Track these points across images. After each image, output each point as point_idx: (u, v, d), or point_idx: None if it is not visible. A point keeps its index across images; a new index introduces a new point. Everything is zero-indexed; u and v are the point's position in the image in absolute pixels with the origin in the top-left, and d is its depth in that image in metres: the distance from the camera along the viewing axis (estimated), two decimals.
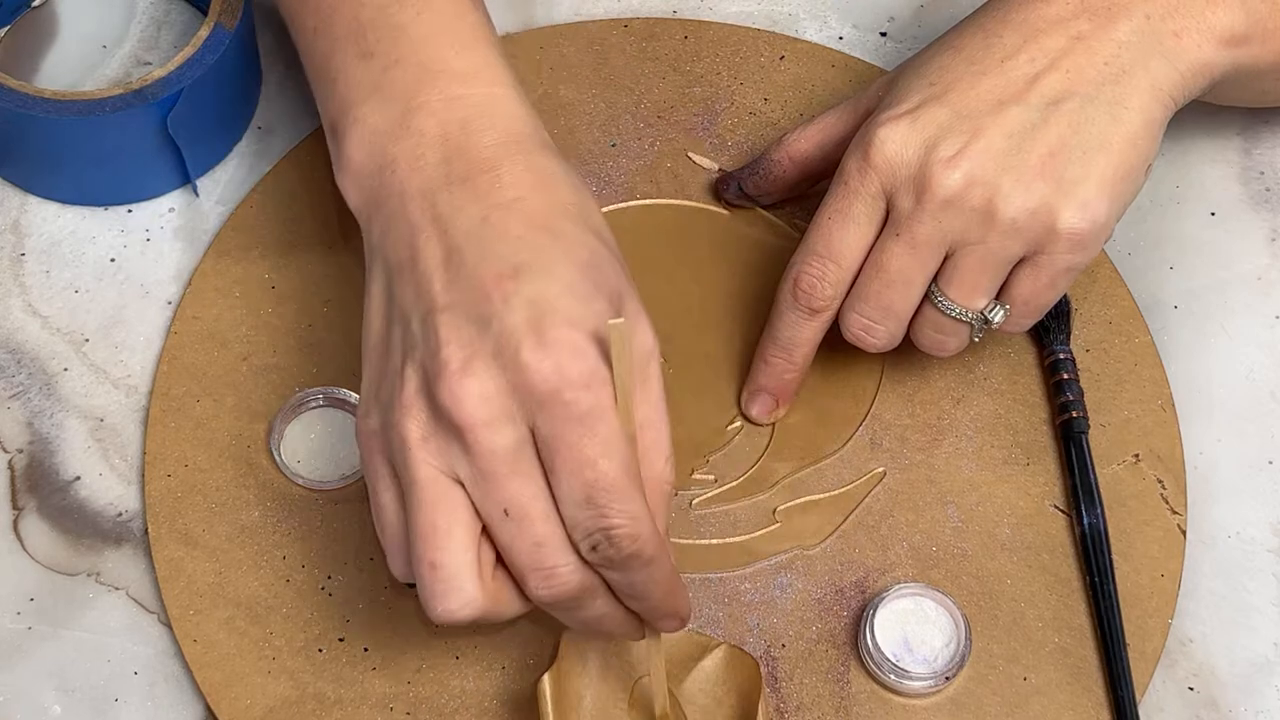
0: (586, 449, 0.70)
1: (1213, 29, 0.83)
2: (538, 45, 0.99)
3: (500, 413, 0.71)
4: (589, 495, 0.70)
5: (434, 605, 0.72)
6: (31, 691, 0.83)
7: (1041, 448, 0.89)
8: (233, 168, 0.96)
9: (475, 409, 0.70)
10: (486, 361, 0.71)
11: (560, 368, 0.70)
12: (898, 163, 0.82)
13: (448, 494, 0.71)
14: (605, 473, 0.70)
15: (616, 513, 0.70)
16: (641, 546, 0.71)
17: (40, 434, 0.89)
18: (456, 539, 0.71)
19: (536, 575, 0.72)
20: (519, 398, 0.71)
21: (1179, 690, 0.84)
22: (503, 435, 0.71)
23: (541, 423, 0.70)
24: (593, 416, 0.70)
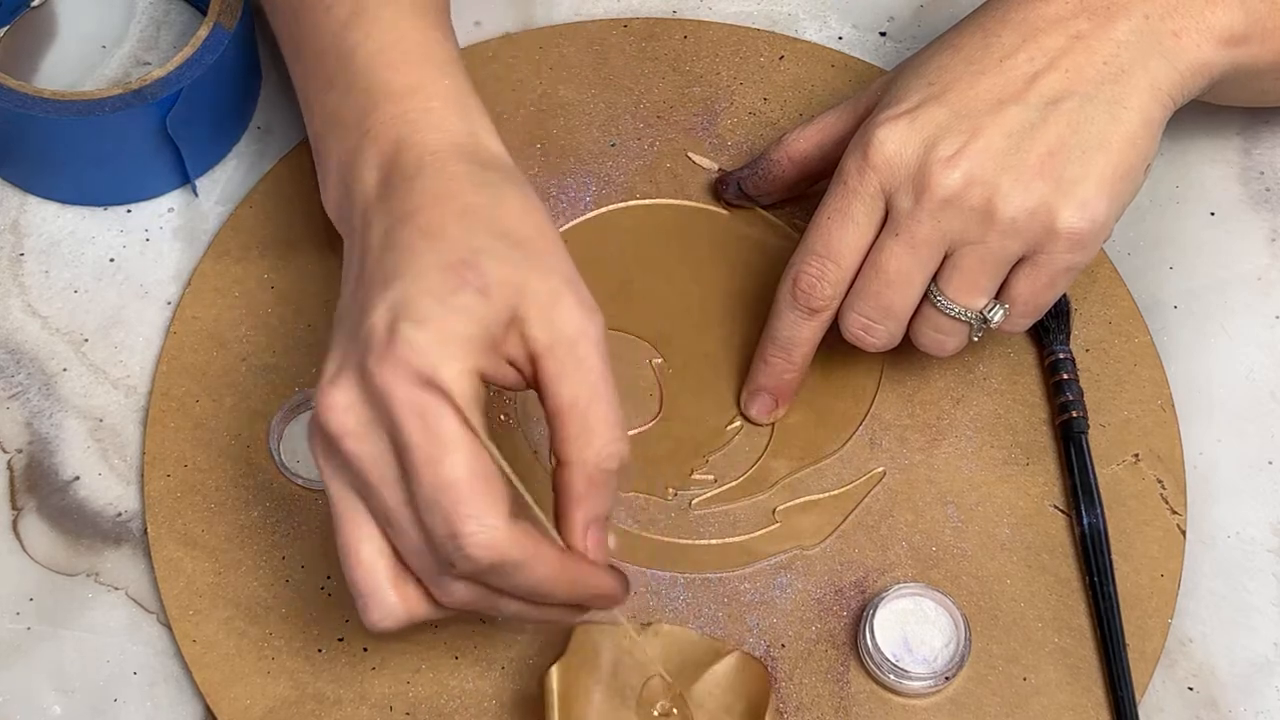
0: (427, 448, 0.70)
1: (1212, 28, 0.83)
2: (538, 45, 0.99)
3: (362, 423, 0.71)
4: (434, 497, 0.70)
5: (363, 618, 0.74)
6: (31, 691, 0.83)
7: (1041, 448, 0.89)
8: (232, 168, 0.96)
9: (340, 420, 0.71)
10: (350, 371, 0.72)
11: (397, 369, 0.70)
12: (897, 162, 0.82)
13: (354, 510, 0.73)
14: (446, 472, 0.70)
15: (463, 516, 0.69)
16: (502, 554, 0.70)
17: (40, 434, 0.89)
18: (365, 556, 0.73)
19: (431, 584, 0.72)
20: (372, 405, 0.71)
21: (1179, 690, 0.84)
22: (367, 443, 0.71)
23: (390, 428, 0.70)
24: (432, 415, 0.70)
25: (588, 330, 0.74)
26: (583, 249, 0.93)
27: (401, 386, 0.70)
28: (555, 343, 0.73)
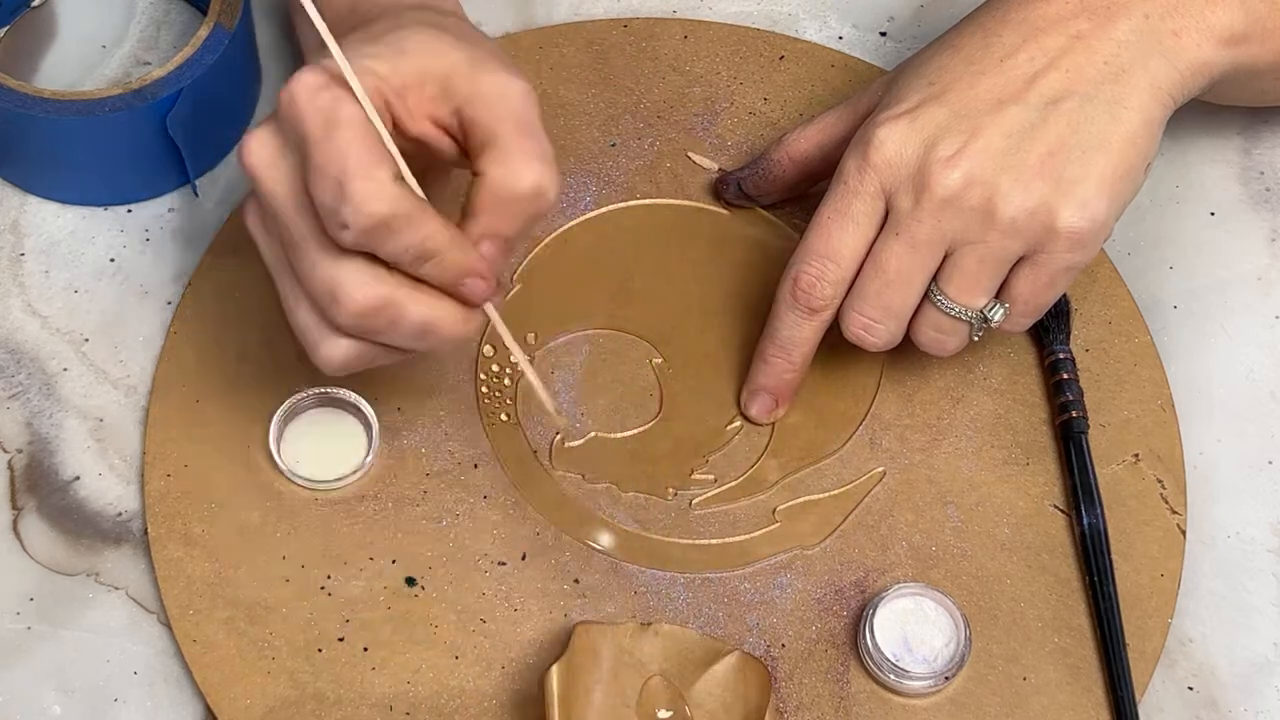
0: (319, 130, 0.74)
1: (1212, 28, 0.83)
2: (538, 45, 0.99)
3: (273, 153, 0.76)
4: (323, 166, 0.73)
5: (314, 358, 0.79)
6: (31, 691, 0.83)
7: (1041, 448, 0.89)
8: (233, 168, 0.96)
9: (254, 153, 0.76)
10: (269, 121, 0.77)
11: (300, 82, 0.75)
12: (897, 162, 0.82)
13: (279, 260, 0.78)
14: (338, 143, 0.73)
15: (351, 176, 0.73)
16: (391, 205, 0.73)
17: (40, 434, 0.89)
18: (294, 301, 0.78)
19: (324, 299, 0.76)
20: (283, 133, 0.75)
21: (1179, 690, 0.84)
22: (277, 169, 0.76)
23: (294, 137, 0.75)
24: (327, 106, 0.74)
25: (512, 84, 0.77)
26: (583, 249, 0.93)
27: (303, 91, 0.74)
28: (477, 92, 0.76)
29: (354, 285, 0.75)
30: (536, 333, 0.91)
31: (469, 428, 0.89)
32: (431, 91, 0.77)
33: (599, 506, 0.87)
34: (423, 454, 0.88)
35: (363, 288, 0.75)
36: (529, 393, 0.89)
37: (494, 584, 0.85)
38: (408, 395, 0.89)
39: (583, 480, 0.88)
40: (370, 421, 0.88)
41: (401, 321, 0.76)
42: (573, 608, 0.85)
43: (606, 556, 0.86)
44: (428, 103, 0.77)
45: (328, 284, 0.75)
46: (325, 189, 0.73)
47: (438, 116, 0.77)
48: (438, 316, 0.77)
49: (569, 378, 0.90)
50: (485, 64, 0.77)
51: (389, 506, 0.87)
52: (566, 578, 0.86)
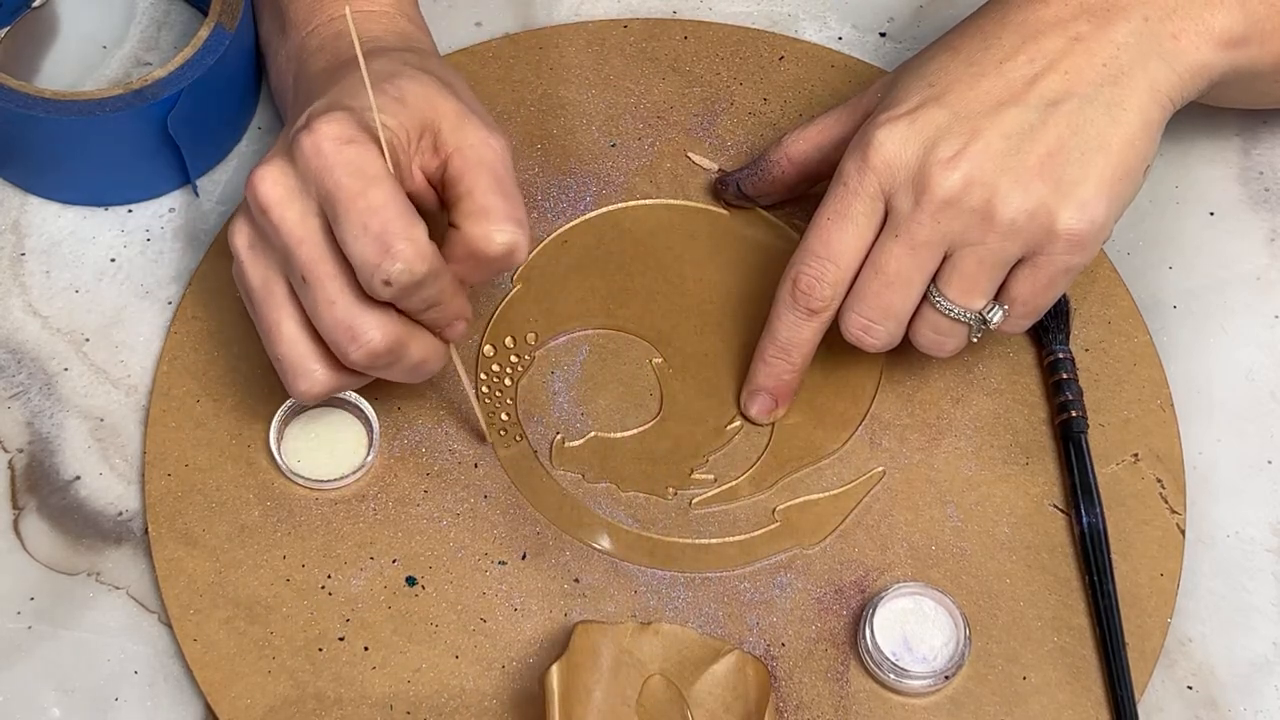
0: (353, 184, 0.77)
1: (1211, 30, 0.83)
2: (538, 45, 0.99)
3: (289, 190, 0.79)
4: (364, 223, 0.76)
5: (292, 391, 0.82)
6: (31, 691, 0.83)
7: (1041, 447, 0.89)
8: (233, 168, 0.96)
9: (269, 190, 0.79)
10: (280, 156, 0.80)
11: (324, 132, 0.78)
12: (896, 164, 0.82)
13: (274, 292, 0.81)
14: (375, 198, 0.77)
15: (395, 235, 0.76)
16: (430, 264, 0.77)
17: (40, 434, 0.89)
18: (286, 330, 0.81)
19: (341, 337, 0.79)
20: (301, 174, 0.78)
21: (1178, 690, 0.84)
22: (292, 209, 0.78)
23: (317, 184, 0.78)
24: (355, 160, 0.77)
25: (491, 141, 0.81)
26: (583, 249, 0.93)
27: (329, 143, 0.78)
28: (464, 145, 0.81)
29: (373, 327, 0.79)
30: (536, 333, 0.91)
31: (469, 428, 0.89)
32: (426, 144, 0.81)
33: (599, 506, 0.87)
34: (423, 454, 0.88)
35: (381, 329, 0.79)
36: (530, 400, 0.89)
37: (494, 584, 0.85)
38: (408, 395, 0.89)
39: (583, 480, 0.88)
40: (370, 421, 0.88)
41: (404, 359, 0.81)
42: (573, 608, 0.85)
43: (606, 556, 0.86)
44: (422, 155, 0.81)
45: (346, 324, 0.79)
46: (367, 245, 0.76)
47: (428, 169, 0.82)
48: (430, 354, 0.82)
49: (569, 378, 0.90)
50: (469, 118, 0.81)
51: (389, 506, 0.87)
52: (566, 578, 0.86)
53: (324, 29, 0.89)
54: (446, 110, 0.81)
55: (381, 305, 0.79)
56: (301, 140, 0.78)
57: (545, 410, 0.89)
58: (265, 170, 0.79)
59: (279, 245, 0.79)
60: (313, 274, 0.78)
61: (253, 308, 0.82)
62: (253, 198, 0.79)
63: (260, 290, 0.81)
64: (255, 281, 0.81)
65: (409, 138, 0.80)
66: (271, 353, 0.82)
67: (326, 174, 0.77)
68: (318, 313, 0.79)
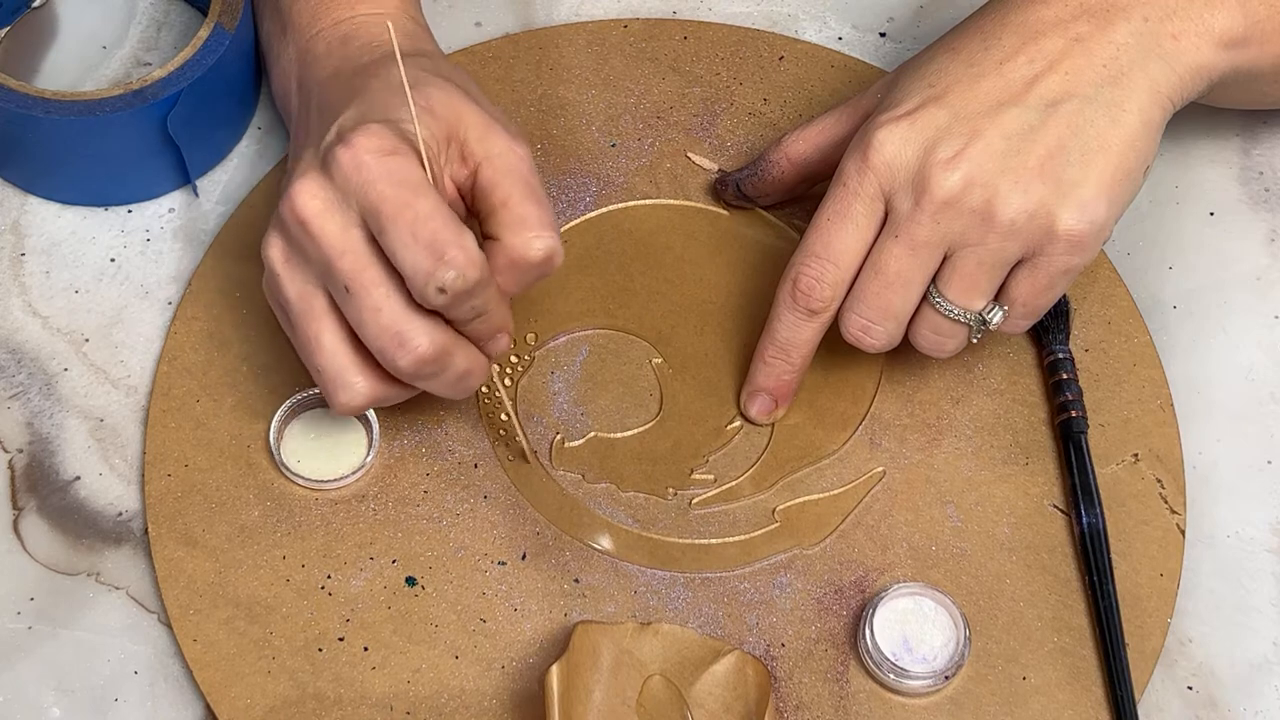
0: (399, 195, 0.77)
1: (1211, 31, 0.83)
2: (538, 45, 0.99)
3: (329, 203, 0.78)
4: (414, 232, 0.76)
5: (332, 402, 0.82)
6: (31, 691, 0.83)
7: (1041, 447, 0.89)
8: (233, 168, 0.96)
9: (307, 204, 0.79)
10: (315, 171, 0.79)
11: (364, 145, 0.78)
12: (896, 164, 0.82)
13: (313, 304, 0.80)
14: (423, 207, 0.77)
15: (447, 241, 0.76)
16: (481, 269, 0.77)
17: (40, 434, 0.89)
18: (326, 342, 0.80)
19: (388, 344, 0.78)
20: (341, 186, 0.78)
21: (1178, 690, 0.84)
22: (332, 221, 0.78)
23: (360, 197, 0.78)
24: (398, 170, 0.78)
25: (517, 149, 0.81)
26: (583, 249, 0.93)
27: (371, 156, 0.78)
28: (492, 154, 0.81)
29: (421, 333, 0.79)
30: (536, 333, 0.91)
31: (469, 428, 0.89)
32: (454, 153, 0.81)
33: (599, 506, 0.88)
34: (423, 454, 0.88)
35: (429, 335, 0.79)
36: (530, 401, 0.89)
37: (494, 584, 0.85)
38: None
39: (583, 480, 0.88)
40: (370, 421, 0.88)
41: (449, 369, 0.80)
42: (573, 608, 0.85)
43: (606, 557, 0.86)
44: (451, 164, 0.81)
45: (393, 331, 0.78)
46: (419, 254, 0.76)
47: (456, 178, 0.81)
48: (475, 366, 0.81)
49: (569, 378, 0.90)
50: (494, 125, 0.81)
51: (389, 506, 0.87)
52: (566, 578, 0.86)
53: (329, 33, 0.89)
54: (472, 119, 0.81)
55: (427, 313, 0.79)
56: (339, 155, 0.78)
57: (545, 410, 0.89)
58: (303, 184, 0.79)
59: (319, 258, 0.79)
60: (357, 283, 0.78)
61: (289, 321, 0.82)
62: (291, 212, 0.79)
63: (298, 303, 0.81)
64: (292, 294, 0.81)
65: (439, 147, 0.81)
66: (311, 365, 0.81)
67: (370, 187, 0.77)
68: (363, 321, 0.79)
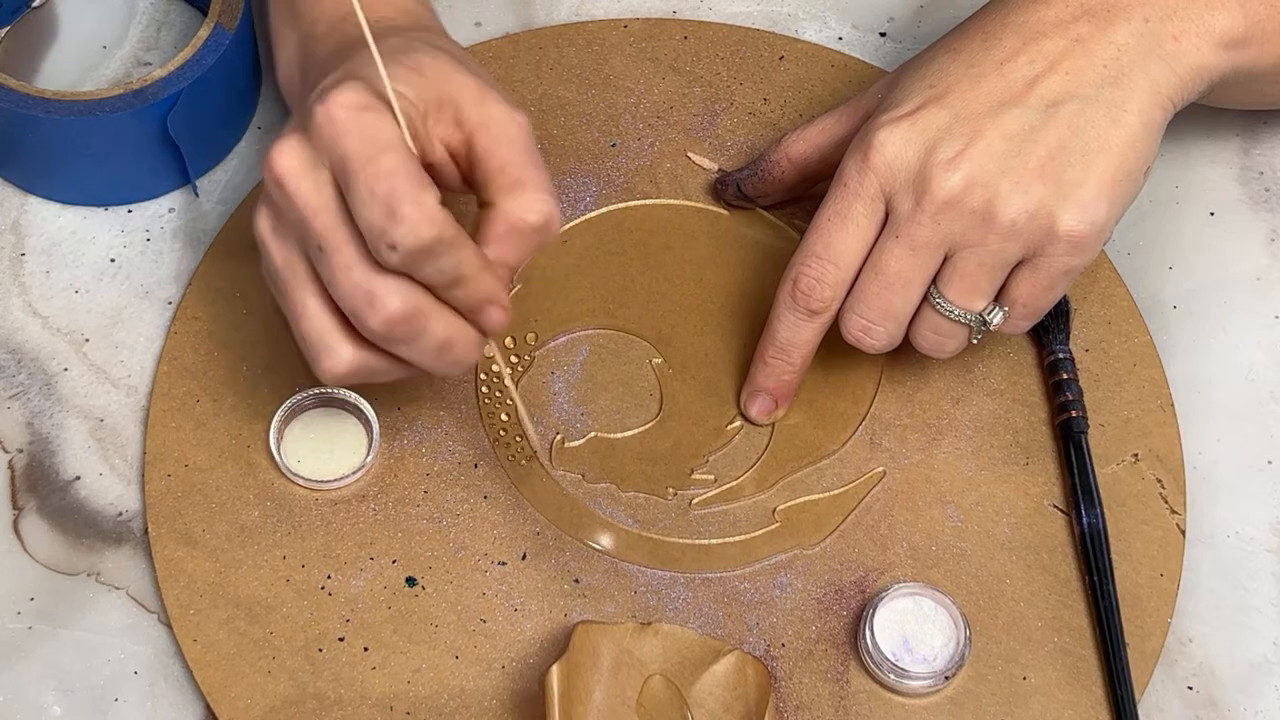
0: (364, 150, 0.76)
1: (1212, 31, 0.83)
2: (538, 45, 0.99)
3: (304, 161, 0.77)
4: (371, 187, 0.75)
5: (316, 369, 0.80)
6: (31, 691, 0.83)
7: (1041, 447, 0.89)
8: (233, 168, 0.96)
9: (283, 162, 0.77)
10: (294, 130, 0.78)
11: (338, 100, 0.77)
12: (897, 165, 0.82)
13: (297, 271, 0.79)
14: (384, 164, 0.75)
15: (402, 198, 0.75)
16: (438, 229, 0.75)
17: (40, 434, 0.89)
18: (310, 308, 0.79)
19: (359, 303, 0.77)
20: (316, 144, 0.77)
21: (1179, 690, 0.84)
22: (307, 179, 0.77)
23: (330, 152, 0.77)
24: (367, 127, 0.76)
25: (515, 116, 0.80)
26: (583, 249, 0.93)
27: (342, 110, 0.76)
28: (488, 120, 0.79)
29: (390, 292, 0.77)
30: (536, 333, 0.91)
31: (469, 428, 0.89)
32: (446, 116, 0.79)
33: (599, 506, 0.87)
34: (423, 454, 0.88)
35: (399, 294, 0.77)
36: (530, 401, 0.90)
37: (494, 584, 0.85)
38: (408, 395, 0.89)
39: (583, 480, 0.88)
40: (370, 421, 0.88)
41: (426, 334, 0.78)
42: (573, 608, 0.85)
43: (606, 557, 0.86)
44: (442, 127, 0.80)
45: (364, 289, 0.77)
46: (374, 210, 0.75)
47: (450, 142, 0.80)
48: (457, 335, 0.79)
49: (569, 378, 0.90)
50: (490, 93, 0.80)
51: (389, 506, 0.87)
52: (566, 578, 0.86)
53: (331, 13, 0.88)
54: (466, 85, 0.80)
55: (402, 275, 0.78)
56: (315, 110, 0.77)
57: (545, 410, 0.89)
58: (281, 144, 0.78)
59: (295, 219, 0.78)
60: (329, 241, 0.77)
61: (278, 291, 0.81)
62: (268, 171, 0.78)
63: (284, 271, 0.80)
64: (279, 263, 0.80)
65: (427, 109, 0.79)
66: (296, 332, 0.80)
67: (338, 141, 0.76)
68: (335, 280, 0.78)
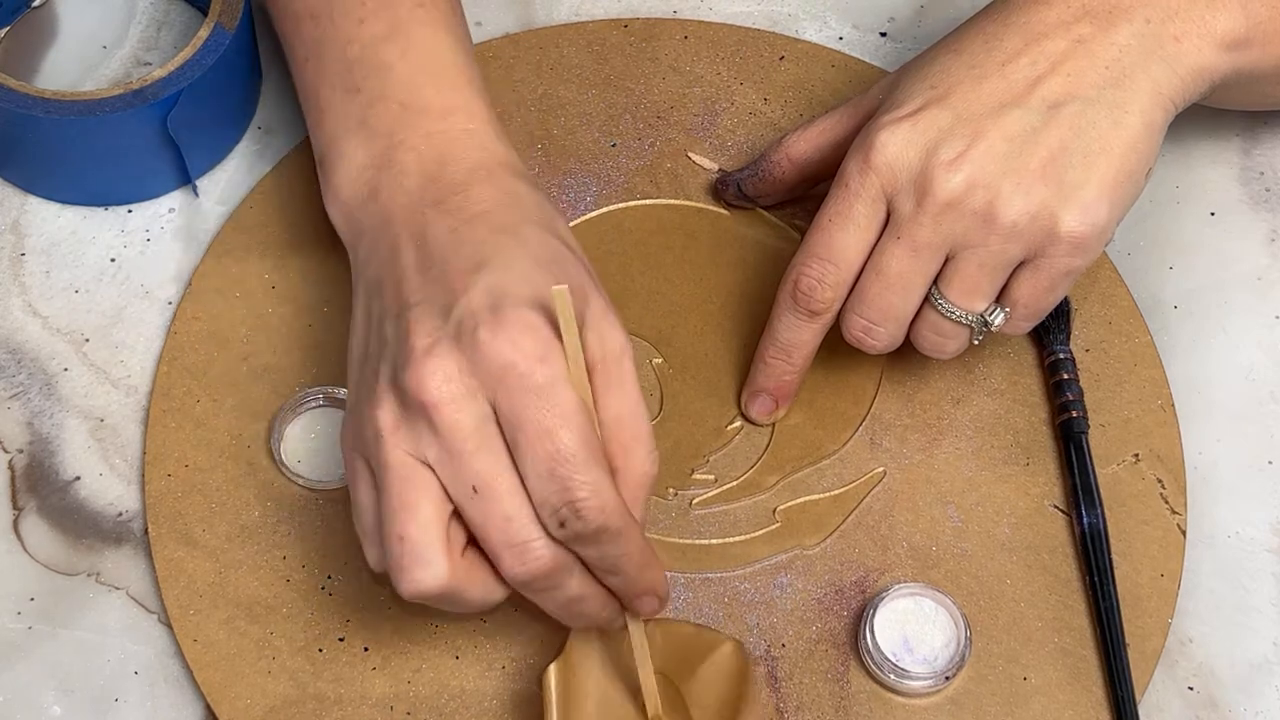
0: (544, 420, 0.72)
1: (1213, 32, 0.83)
2: (538, 45, 0.99)
3: (463, 391, 0.73)
4: (551, 468, 0.72)
5: (401, 577, 0.74)
6: (31, 691, 0.83)
7: (1041, 448, 0.89)
8: (233, 168, 0.96)
9: (439, 387, 0.73)
10: (449, 345, 0.74)
11: (514, 342, 0.73)
12: (898, 165, 0.82)
13: (416, 473, 0.74)
14: (565, 443, 0.72)
15: (580, 484, 0.72)
16: (608, 519, 0.73)
17: (40, 434, 0.89)
18: (424, 513, 0.74)
19: (510, 552, 0.74)
20: (479, 376, 0.73)
21: (1179, 690, 0.84)
22: (466, 412, 0.73)
23: (501, 399, 0.73)
24: (549, 389, 0.72)
25: (628, 349, 0.76)
26: (583, 249, 0.93)
27: (521, 359, 0.72)
28: (606, 356, 0.76)
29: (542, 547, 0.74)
30: None
31: None
32: None
33: None
34: None
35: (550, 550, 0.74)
36: None
37: None
38: None
39: None
40: None
41: (561, 590, 0.75)
42: None
43: None
44: None
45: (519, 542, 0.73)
46: (550, 488, 0.72)
47: None
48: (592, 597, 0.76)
49: None
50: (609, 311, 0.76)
51: None
52: None
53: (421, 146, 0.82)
54: (595, 307, 0.76)
55: None
56: (483, 338, 0.72)
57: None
58: (435, 365, 0.73)
59: (444, 444, 0.73)
60: (490, 489, 0.73)
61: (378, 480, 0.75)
62: (419, 393, 0.73)
63: (398, 469, 0.74)
64: (394, 460, 0.74)
65: None
66: (394, 530, 0.74)
67: (516, 396, 0.72)
68: (487, 524, 0.73)
